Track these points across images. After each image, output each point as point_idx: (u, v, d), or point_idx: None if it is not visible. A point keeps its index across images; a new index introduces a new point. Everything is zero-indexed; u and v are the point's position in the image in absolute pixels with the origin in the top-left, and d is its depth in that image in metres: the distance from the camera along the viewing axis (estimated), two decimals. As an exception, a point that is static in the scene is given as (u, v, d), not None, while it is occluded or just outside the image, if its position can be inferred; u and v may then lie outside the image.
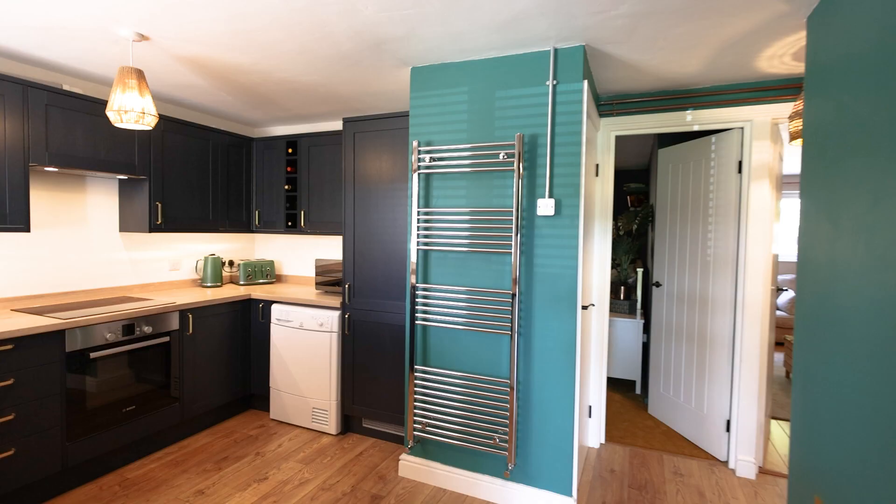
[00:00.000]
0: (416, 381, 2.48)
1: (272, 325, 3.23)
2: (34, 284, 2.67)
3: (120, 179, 3.06)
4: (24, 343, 2.13)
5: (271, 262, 3.90)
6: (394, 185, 2.79)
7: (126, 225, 3.06)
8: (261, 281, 3.83)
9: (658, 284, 3.36)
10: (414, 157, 2.39)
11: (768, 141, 2.56)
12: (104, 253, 3.02)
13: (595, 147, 2.83)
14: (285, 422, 3.23)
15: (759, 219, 2.59)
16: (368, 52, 2.27)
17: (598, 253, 2.97)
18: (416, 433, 2.48)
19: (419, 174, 2.44)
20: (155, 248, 3.34)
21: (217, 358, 3.13)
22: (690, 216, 3.07)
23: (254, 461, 2.69)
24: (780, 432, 3.26)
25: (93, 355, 2.39)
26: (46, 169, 2.50)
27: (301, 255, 3.98)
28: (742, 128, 2.65)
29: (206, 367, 3.04)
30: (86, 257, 2.92)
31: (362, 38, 2.10)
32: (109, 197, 3.04)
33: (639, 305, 3.99)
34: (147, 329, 2.66)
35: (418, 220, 2.43)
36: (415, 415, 2.48)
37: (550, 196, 2.20)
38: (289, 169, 3.57)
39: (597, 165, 2.91)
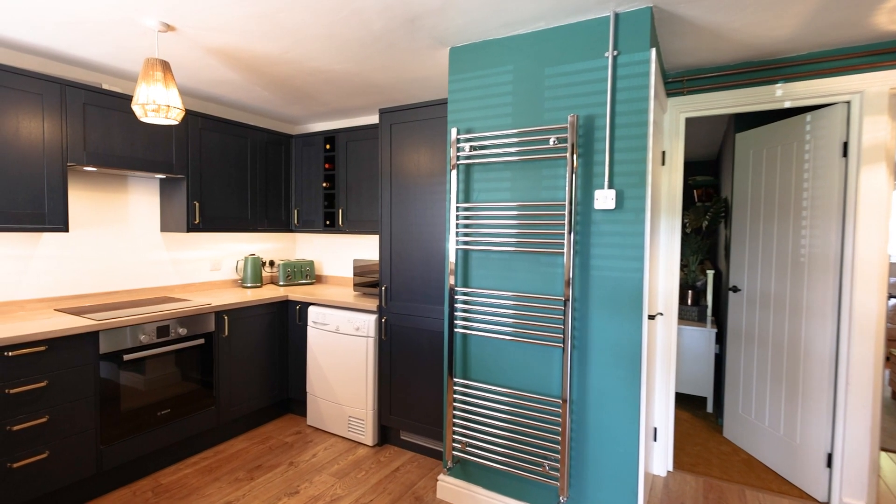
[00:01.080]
0: (455, 396, 2.24)
1: (309, 328, 3.11)
2: (78, 284, 2.68)
3: (161, 179, 3.05)
4: (58, 344, 2.10)
5: (311, 263, 3.81)
6: (433, 179, 2.57)
7: (166, 225, 3.04)
8: (300, 282, 3.74)
9: (736, 289, 2.92)
10: (452, 147, 2.15)
11: (885, 116, 2.09)
12: (146, 253, 3.02)
13: (661, 132, 2.46)
14: (322, 429, 3.10)
15: (872, 212, 2.13)
16: (402, 32, 2.06)
17: (665, 253, 2.59)
18: (455, 453, 2.24)
19: (458, 166, 2.19)
20: (196, 248, 3.31)
21: (254, 361, 3.04)
22: (778, 210, 2.62)
23: (286, 472, 2.56)
24: (893, 466, 2.72)
25: (126, 357, 2.34)
26: (86, 169, 2.50)
27: (341, 254, 3.86)
28: (848, 102, 2.19)
29: (242, 370, 2.96)
30: (128, 257, 2.92)
31: (393, 13, 1.88)
32: (151, 196, 3.04)
33: (709, 312, 3.53)
34: (182, 331, 2.60)
35: (457, 216, 2.18)
36: (454, 433, 2.24)
37: (610, 186, 1.88)
38: (326, 166, 3.45)
39: (663, 153, 2.54)
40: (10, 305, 2.41)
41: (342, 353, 2.95)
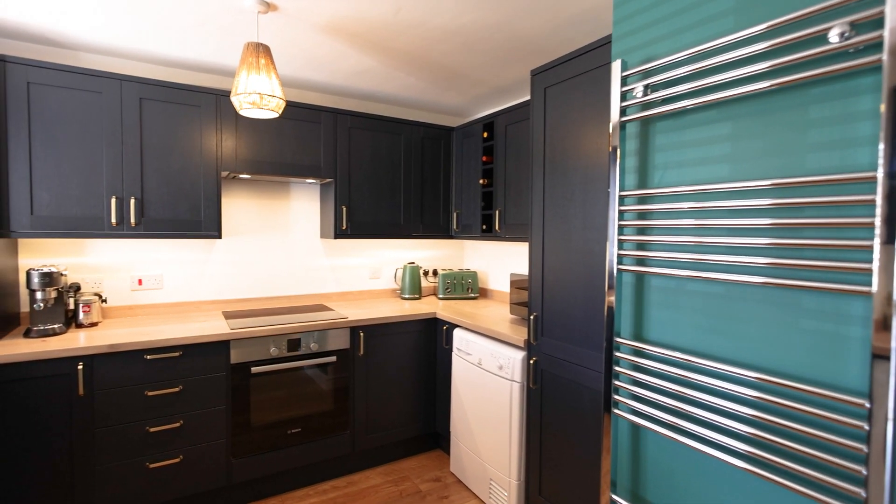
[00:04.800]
0: (616, 520, 1.30)
1: (453, 355, 2.57)
2: (244, 288, 2.80)
3: (320, 184, 3.00)
4: (191, 351, 2.10)
5: (474, 274, 3.28)
6: (602, 161, 1.67)
7: (324, 231, 2.97)
8: (461, 295, 3.25)
9: None
10: (614, 92, 1.25)
11: None
12: (306, 259, 3.01)
13: None
14: (462, 482, 2.50)
15: None
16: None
17: None
18: None
19: (625, 124, 1.27)
20: (354, 255, 3.19)
21: (395, 385, 2.68)
22: None
23: (402, 537, 2.06)
24: None
25: (255, 370, 2.24)
26: (241, 176, 2.54)
27: (506, 265, 3.21)
28: None
29: (381, 394, 2.63)
30: (289, 263, 2.95)
31: None
32: (311, 202, 3.02)
33: None
34: (314, 346, 2.40)
35: (620, 213, 1.26)
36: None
37: None
38: (484, 158, 2.85)
39: None
40: (188, 306, 2.63)
41: (484, 395, 2.30)
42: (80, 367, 1.87)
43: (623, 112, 1.24)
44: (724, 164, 1.07)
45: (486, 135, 2.82)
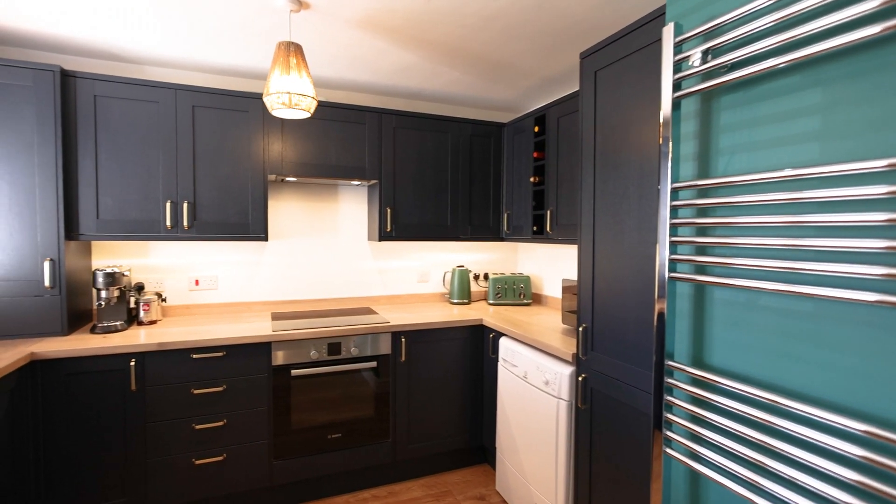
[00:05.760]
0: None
1: (499, 365, 2.40)
2: (293, 290, 2.83)
3: (368, 186, 2.97)
4: (234, 352, 2.14)
5: (526, 279, 3.08)
6: (658, 152, 1.43)
7: (370, 233, 2.93)
8: (512, 301, 3.06)
9: None
10: (667, 63, 1.03)
11: None
12: (354, 262, 2.99)
13: None
14: (507, 501, 2.32)
15: None
16: None
17: None
18: None
19: (679, 101, 1.05)
20: (402, 258, 3.12)
21: (439, 394, 2.56)
22: None
23: (437, 559, 1.93)
24: None
25: (295, 372, 2.23)
26: (287, 179, 2.57)
27: (561, 269, 2.98)
28: None
29: (424, 403, 2.52)
30: (337, 266, 2.95)
31: None
32: (359, 204, 2.99)
33: None
34: (354, 350, 2.35)
35: (675, 209, 1.03)
36: None
37: None
38: (535, 154, 2.65)
39: None
40: (240, 306, 2.71)
41: (530, 412, 2.10)
42: (132, 363, 1.96)
43: (677, 87, 1.02)
44: (813, 143, 0.83)
45: (537, 129, 2.62)
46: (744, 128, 0.94)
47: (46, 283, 2.01)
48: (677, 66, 1.02)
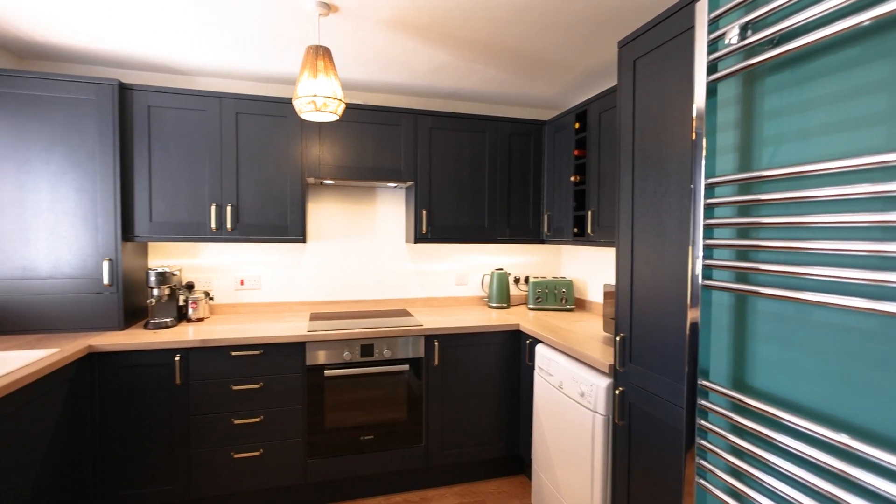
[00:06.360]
0: None
1: (535, 373, 2.29)
2: (331, 291, 2.88)
3: (405, 188, 2.97)
4: (271, 350, 2.19)
5: (569, 283, 2.94)
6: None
7: (408, 235, 2.92)
8: (553, 306, 2.93)
9: None
10: (700, 42, 0.90)
11: None
12: (392, 264, 2.99)
13: None
14: (543, 519, 2.21)
15: None
16: None
17: None
18: None
19: (716, 84, 0.92)
20: (440, 261, 3.08)
21: (473, 400, 2.49)
22: None
23: (464, 572, 1.87)
24: None
25: (328, 373, 2.26)
26: (325, 182, 2.61)
27: (605, 273, 2.81)
28: None
29: (458, 408, 2.47)
30: (376, 268, 2.96)
31: None
32: (397, 206, 2.99)
33: None
34: (387, 353, 2.34)
35: (709, 208, 0.91)
36: None
37: None
38: (576, 152, 2.52)
39: None
40: (281, 306, 2.79)
41: (565, 424, 1.99)
42: (176, 358, 2.06)
43: (712, 69, 0.90)
44: (878, 128, 0.69)
45: (577, 126, 2.49)
46: (793, 112, 0.80)
47: (105, 280, 2.17)
48: (712, 46, 0.89)
